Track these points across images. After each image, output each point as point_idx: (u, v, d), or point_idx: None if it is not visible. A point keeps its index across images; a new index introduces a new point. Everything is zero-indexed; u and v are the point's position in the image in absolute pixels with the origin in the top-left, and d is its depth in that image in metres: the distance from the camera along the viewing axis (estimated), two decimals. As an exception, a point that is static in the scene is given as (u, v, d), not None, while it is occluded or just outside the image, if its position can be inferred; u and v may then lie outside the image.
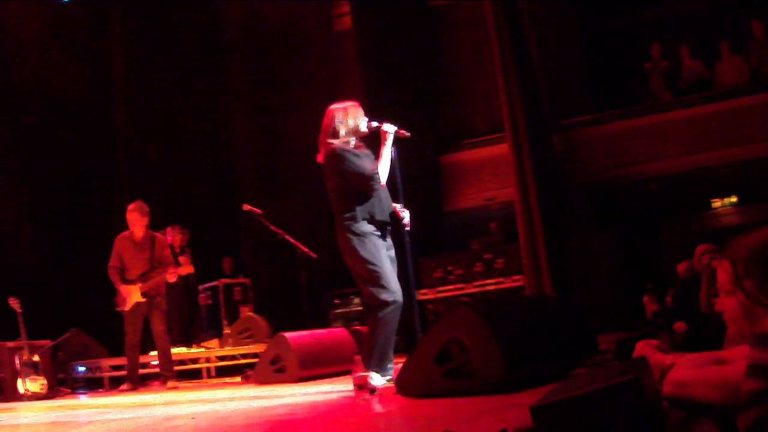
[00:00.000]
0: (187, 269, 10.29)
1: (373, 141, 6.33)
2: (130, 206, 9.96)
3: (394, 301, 5.92)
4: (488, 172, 14.90)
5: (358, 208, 6.01)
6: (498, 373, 4.67)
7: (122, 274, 9.81)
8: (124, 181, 14.65)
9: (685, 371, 2.96)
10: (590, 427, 2.42)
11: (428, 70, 15.31)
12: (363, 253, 5.92)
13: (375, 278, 5.91)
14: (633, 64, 14.58)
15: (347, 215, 6.01)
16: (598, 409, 2.41)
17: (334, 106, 6.31)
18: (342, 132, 6.14)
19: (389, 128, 6.23)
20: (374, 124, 6.25)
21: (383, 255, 6.00)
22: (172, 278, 9.94)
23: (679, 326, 8.34)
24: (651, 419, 2.46)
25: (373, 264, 5.91)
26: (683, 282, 9.08)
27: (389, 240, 6.27)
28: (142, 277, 9.75)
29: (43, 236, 13.24)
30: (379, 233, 6.07)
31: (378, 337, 5.91)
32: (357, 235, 5.95)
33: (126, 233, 9.94)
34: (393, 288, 5.94)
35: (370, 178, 6.00)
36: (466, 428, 3.10)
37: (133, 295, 9.72)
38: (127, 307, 9.70)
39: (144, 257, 9.86)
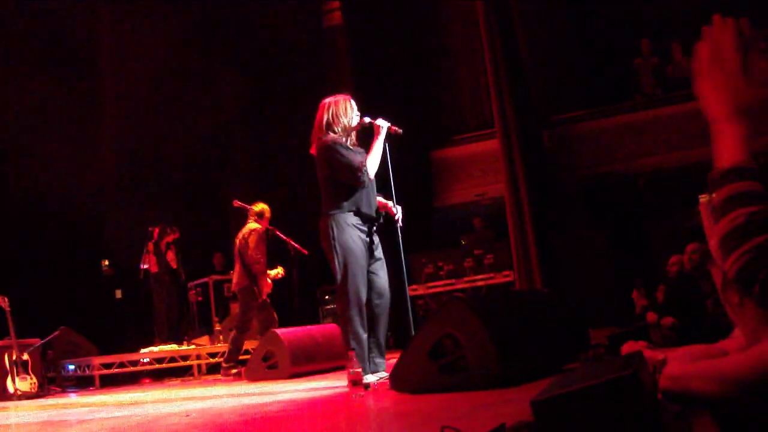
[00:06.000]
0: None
1: (366, 136, 6.32)
2: (265, 204, 10.22)
3: (353, 300, 5.93)
4: (478, 168, 14.93)
5: (344, 200, 6.01)
6: (492, 368, 4.67)
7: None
8: (114, 178, 14.63)
9: (680, 365, 2.97)
10: (590, 420, 2.42)
11: (418, 66, 15.31)
12: (338, 242, 5.93)
13: (342, 268, 5.93)
14: (623, 60, 14.60)
15: (333, 205, 6.03)
16: (599, 402, 2.41)
17: (327, 100, 6.30)
18: (334, 127, 6.15)
19: (382, 124, 6.21)
20: (367, 119, 6.24)
21: (359, 250, 5.98)
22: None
23: (666, 321, 8.38)
24: (650, 413, 2.46)
25: (344, 255, 5.92)
26: (674, 278, 9.10)
27: (376, 239, 6.24)
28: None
29: (31, 234, 13.17)
30: (364, 227, 6.06)
31: (347, 335, 5.95)
32: (338, 224, 5.96)
33: (260, 227, 10.03)
34: (356, 285, 5.93)
35: (358, 170, 5.98)
36: (463, 424, 3.09)
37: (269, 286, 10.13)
38: (264, 296, 10.00)
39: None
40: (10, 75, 13.41)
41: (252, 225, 10.03)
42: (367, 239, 6.08)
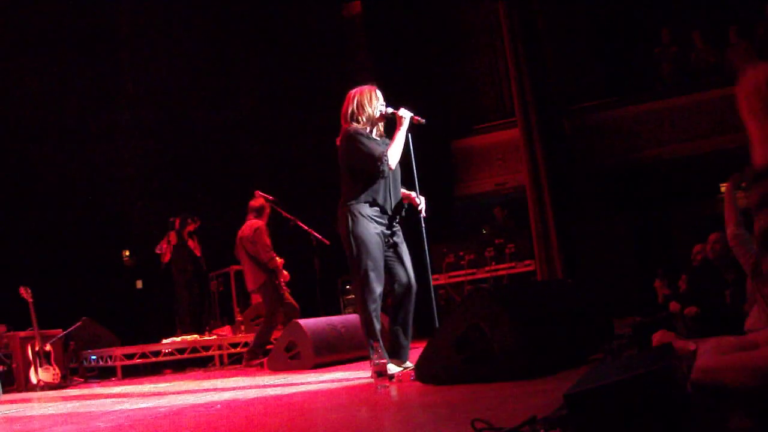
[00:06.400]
0: None
1: (390, 127, 6.29)
2: (263, 199, 10.19)
3: (366, 290, 5.92)
4: (499, 157, 14.91)
5: (362, 190, 6.01)
6: (518, 359, 4.65)
7: None
8: (135, 168, 14.67)
9: (712, 358, 2.95)
10: (624, 414, 2.40)
11: (439, 55, 15.28)
12: (353, 233, 5.94)
13: (356, 258, 5.93)
14: (643, 49, 14.53)
15: (350, 195, 6.03)
16: (632, 396, 2.39)
17: (353, 90, 6.27)
18: (358, 117, 6.12)
19: (405, 114, 6.17)
20: (390, 110, 6.21)
21: (374, 241, 5.96)
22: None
23: (690, 311, 8.32)
24: (683, 406, 2.45)
25: (358, 246, 5.92)
26: (697, 267, 9.04)
27: (399, 232, 6.21)
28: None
29: (54, 225, 13.23)
30: (382, 219, 6.04)
31: (364, 326, 5.96)
32: (354, 215, 5.96)
33: (262, 223, 10.00)
34: (370, 276, 5.91)
35: (379, 160, 5.96)
36: (492, 415, 3.08)
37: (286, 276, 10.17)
38: (284, 286, 10.11)
39: None
40: (33, 66, 13.46)
41: (253, 222, 10.00)
42: (386, 230, 6.06)
